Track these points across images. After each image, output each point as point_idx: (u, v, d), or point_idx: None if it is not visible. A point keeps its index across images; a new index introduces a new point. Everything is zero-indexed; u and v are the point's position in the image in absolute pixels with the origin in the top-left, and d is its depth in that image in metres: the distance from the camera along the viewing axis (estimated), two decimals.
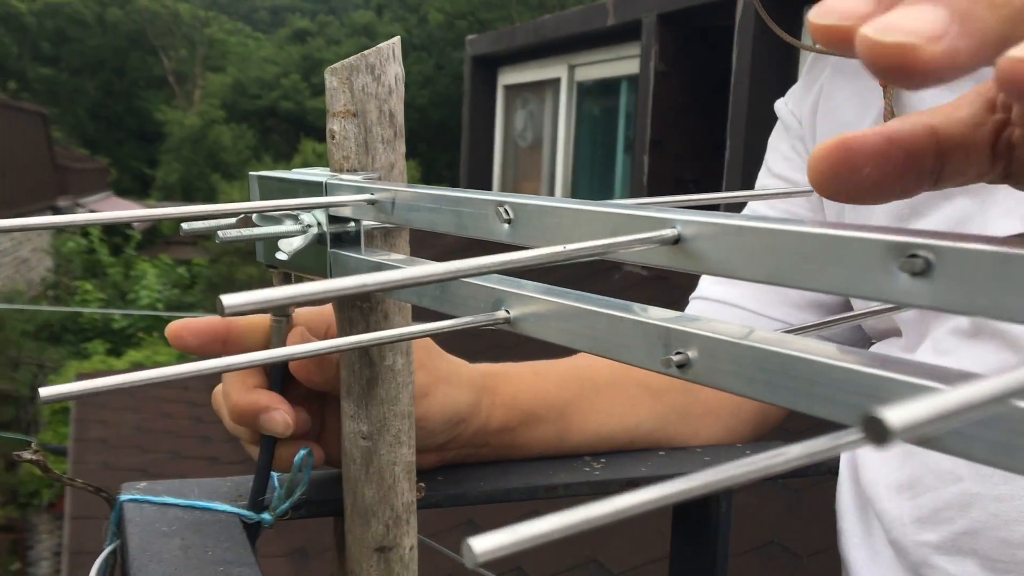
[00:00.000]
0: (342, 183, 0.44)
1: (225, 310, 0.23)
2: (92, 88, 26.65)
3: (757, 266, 0.26)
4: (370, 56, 0.47)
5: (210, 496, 0.52)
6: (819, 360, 0.25)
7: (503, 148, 5.60)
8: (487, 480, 0.58)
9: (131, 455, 4.19)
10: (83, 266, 12.86)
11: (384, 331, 0.37)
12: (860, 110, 0.71)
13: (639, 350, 0.30)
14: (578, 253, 0.28)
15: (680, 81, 3.92)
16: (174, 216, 0.38)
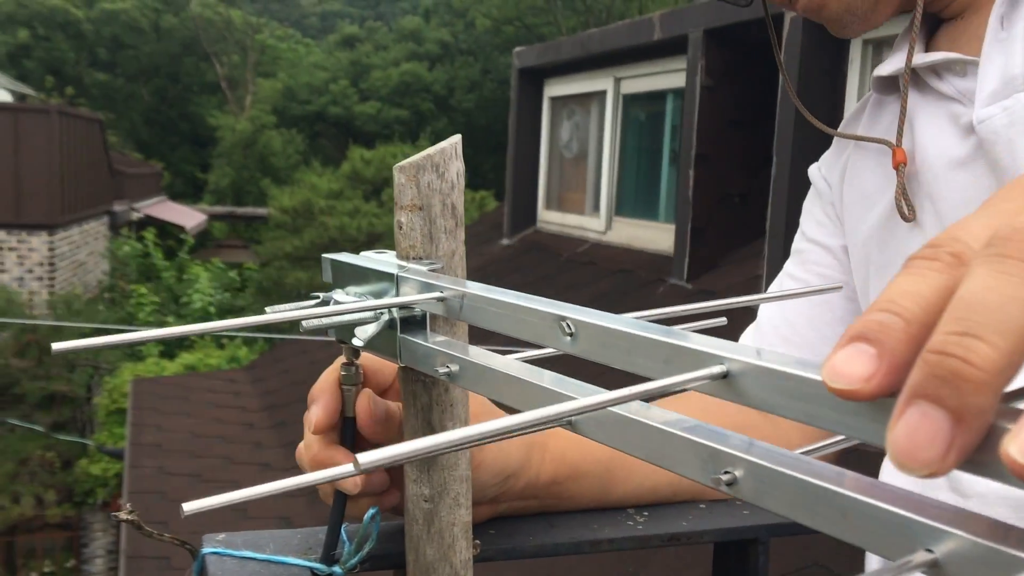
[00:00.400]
0: (410, 275, 0.49)
1: (360, 467, 0.27)
2: (147, 94, 27.23)
3: (796, 408, 0.30)
4: (435, 156, 0.51)
5: (283, 549, 0.57)
6: (854, 496, 0.28)
7: (548, 159, 5.64)
8: (535, 535, 0.62)
9: (185, 460, 4.30)
10: (138, 269, 13.17)
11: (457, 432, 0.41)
12: (882, 182, 0.76)
13: (691, 465, 0.33)
14: (639, 395, 0.32)
15: (727, 96, 3.92)
16: (258, 322, 0.42)
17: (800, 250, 0.88)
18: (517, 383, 0.42)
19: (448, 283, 0.47)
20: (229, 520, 3.71)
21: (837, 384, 0.27)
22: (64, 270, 10.63)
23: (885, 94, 0.80)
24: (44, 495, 8.85)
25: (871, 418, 0.28)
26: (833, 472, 0.29)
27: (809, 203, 0.89)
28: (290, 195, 13.07)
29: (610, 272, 4.50)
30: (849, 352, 0.27)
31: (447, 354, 0.47)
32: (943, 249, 0.28)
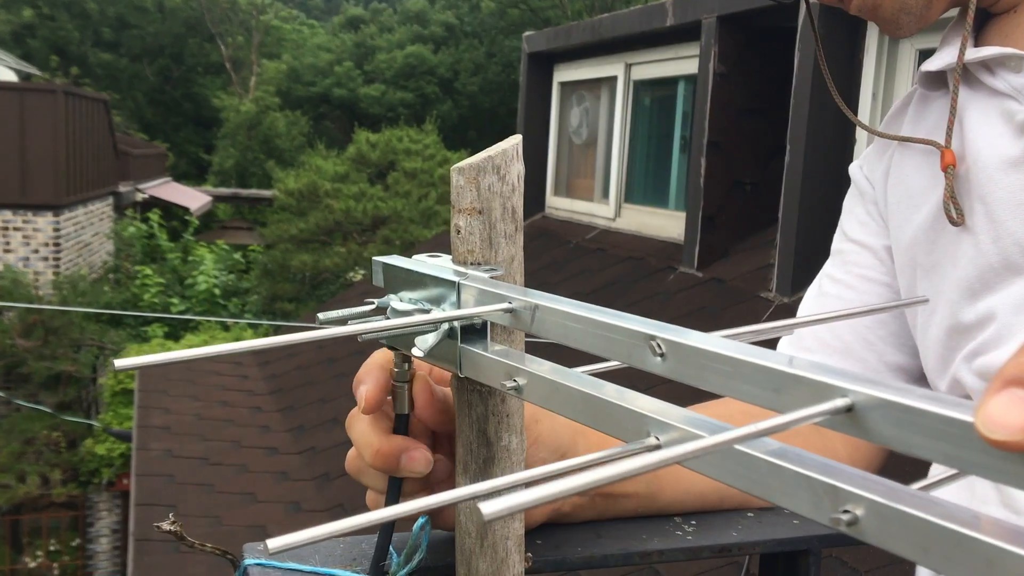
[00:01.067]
0: (472, 283, 0.47)
1: (486, 517, 0.25)
2: (151, 74, 27.13)
3: (935, 449, 0.28)
4: (496, 157, 0.49)
5: (327, 559, 0.55)
6: (1001, 546, 0.26)
7: (557, 144, 5.61)
8: (584, 546, 0.61)
9: (193, 443, 4.30)
10: (143, 250, 13.16)
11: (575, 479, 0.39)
12: (929, 181, 0.73)
13: (804, 502, 0.31)
14: (761, 433, 0.29)
15: (739, 83, 3.89)
16: (314, 337, 0.41)
17: (841, 250, 0.85)
18: (593, 400, 0.40)
19: (515, 293, 0.45)
20: (236, 504, 3.71)
21: (996, 435, 0.25)
22: (69, 251, 10.61)
23: (931, 90, 0.77)
24: (50, 474, 8.88)
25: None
26: (968, 515, 0.28)
27: (850, 202, 0.87)
28: (295, 177, 13.03)
29: (619, 259, 4.48)
30: (1007, 399, 0.25)
31: (513, 367, 0.45)
32: None
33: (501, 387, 0.45)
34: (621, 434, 0.39)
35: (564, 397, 0.42)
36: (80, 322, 9.31)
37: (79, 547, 9.10)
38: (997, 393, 0.25)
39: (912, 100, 0.81)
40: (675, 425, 0.37)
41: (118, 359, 0.36)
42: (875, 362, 0.79)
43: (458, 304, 0.47)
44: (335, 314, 0.49)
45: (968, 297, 0.68)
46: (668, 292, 3.97)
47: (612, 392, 0.40)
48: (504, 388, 0.45)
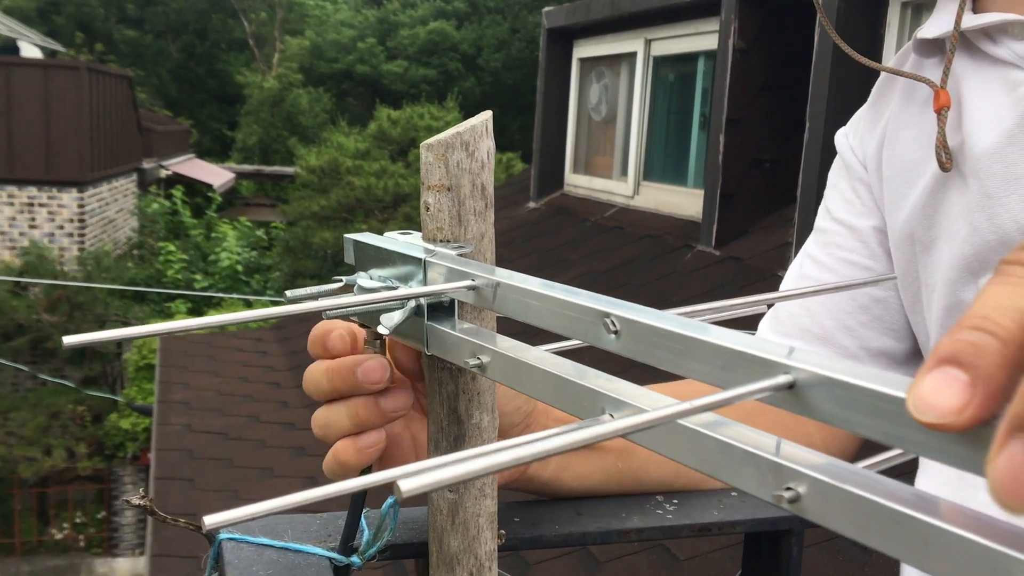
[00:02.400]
0: (438, 261, 0.47)
1: (403, 494, 0.25)
2: (175, 51, 27.21)
3: (872, 427, 0.28)
4: (464, 134, 0.49)
5: (302, 536, 0.55)
6: (937, 524, 0.26)
7: (576, 121, 5.57)
8: (562, 523, 0.60)
9: (212, 418, 4.35)
10: (166, 227, 13.26)
11: (508, 453, 0.39)
12: (925, 153, 0.70)
13: (750, 479, 0.31)
14: (706, 407, 0.29)
15: (759, 59, 3.84)
16: (280, 313, 0.41)
17: (823, 229, 0.82)
18: (553, 379, 0.40)
19: (479, 270, 0.45)
20: (254, 479, 3.75)
21: (926, 417, 0.24)
22: (94, 227, 10.71)
23: (926, 57, 0.73)
24: (75, 448, 9.02)
25: (963, 444, 0.25)
26: (909, 494, 0.27)
27: (835, 175, 0.83)
28: (317, 154, 13.04)
29: (637, 237, 4.46)
30: (938, 379, 0.24)
31: (478, 344, 0.45)
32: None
33: (465, 365, 0.45)
34: (578, 411, 0.39)
35: (525, 375, 0.42)
36: (104, 298, 9.41)
37: (104, 519, 9.25)
38: (929, 372, 0.25)
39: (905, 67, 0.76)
40: (628, 403, 0.37)
41: (67, 336, 0.36)
42: (855, 348, 0.77)
43: (424, 281, 0.47)
44: (304, 291, 0.48)
45: (967, 275, 0.65)
46: (685, 271, 3.95)
47: (570, 370, 0.40)
48: (468, 366, 0.45)
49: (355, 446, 0.53)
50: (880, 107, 0.78)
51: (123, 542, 9.14)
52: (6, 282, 8.97)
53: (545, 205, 5.64)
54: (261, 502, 0.31)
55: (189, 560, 3.14)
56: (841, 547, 2.11)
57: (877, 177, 0.77)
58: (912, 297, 0.74)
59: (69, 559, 8.91)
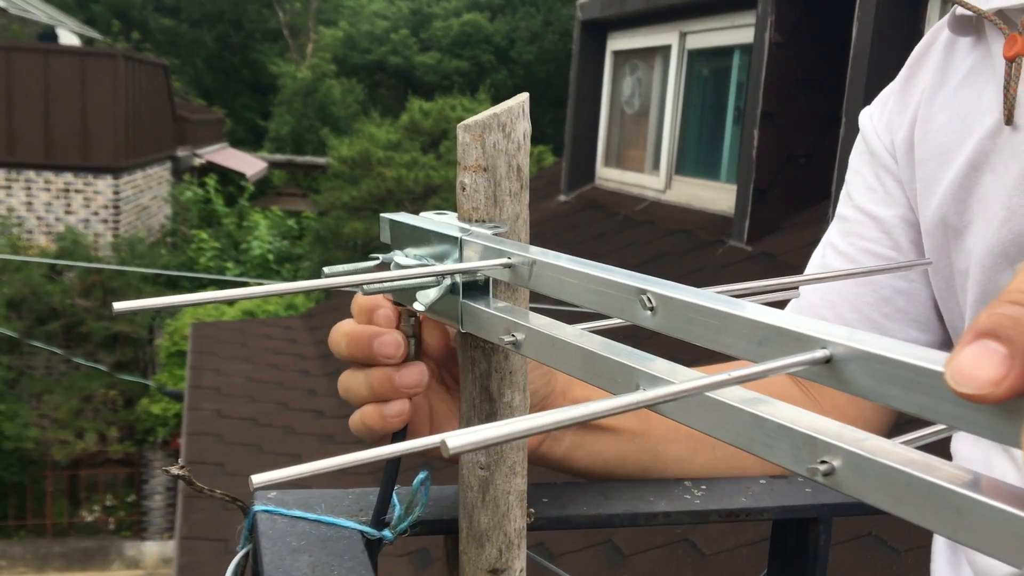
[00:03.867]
0: (474, 239, 0.47)
1: (450, 451, 0.25)
2: (210, 40, 27.44)
3: (909, 400, 0.28)
4: (501, 115, 0.49)
5: (334, 509, 0.56)
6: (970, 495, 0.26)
7: (609, 114, 5.56)
8: (590, 505, 0.61)
9: (242, 405, 4.39)
10: (199, 215, 13.39)
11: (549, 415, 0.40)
12: (960, 135, 0.68)
13: (784, 453, 0.31)
14: (736, 380, 0.30)
15: (796, 53, 3.81)
16: (322, 286, 0.41)
17: (846, 217, 0.80)
18: (587, 355, 0.40)
19: (515, 248, 0.45)
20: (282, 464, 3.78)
21: (964, 388, 0.24)
22: (128, 213, 10.84)
23: (962, 35, 0.70)
24: (107, 432, 9.15)
25: (999, 416, 0.25)
26: (943, 466, 0.27)
27: (858, 160, 0.80)
28: (348, 145, 13.10)
29: (668, 232, 4.44)
30: (977, 351, 0.24)
31: (512, 322, 0.45)
32: None
33: (499, 342, 0.46)
34: (612, 387, 0.40)
35: (560, 352, 0.42)
36: (138, 284, 9.53)
37: (134, 503, 9.39)
38: (968, 344, 0.25)
39: (938, 45, 0.75)
40: (662, 377, 0.37)
41: (117, 303, 0.37)
42: (886, 328, 0.76)
43: (460, 259, 0.48)
44: (340, 268, 0.49)
45: (1003, 261, 0.64)
46: (717, 266, 3.93)
47: (604, 346, 0.40)
48: (502, 343, 0.45)
49: (380, 413, 0.54)
50: (911, 89, 0.76)
51: (152, 525, 9.27)
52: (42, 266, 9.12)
53: (576, 198, 5.63)
54: (308, 463, 0.31)
55: (217, 543, 3.18)
56: (868, 545, 2.10)
57: (908, 162, 0.75)
58: (944, 283, 0.73)
59: (99, 541, 9.06)
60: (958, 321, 0.72)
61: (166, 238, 12.30)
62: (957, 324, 0.73)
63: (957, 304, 0.71)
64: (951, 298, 0.72)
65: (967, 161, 0.67)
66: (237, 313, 9.35)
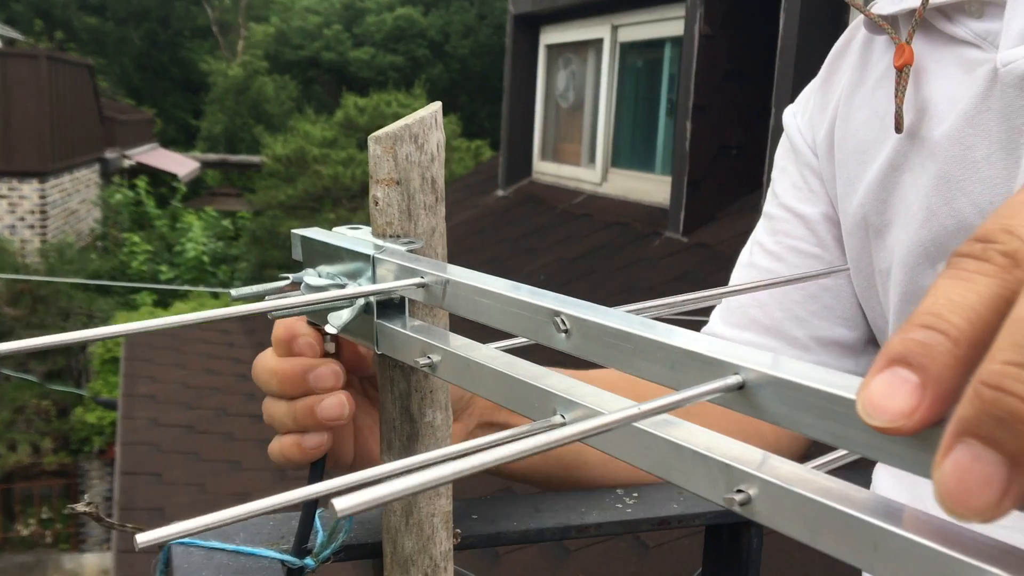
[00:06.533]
0: (387, 257, 0.45)
1: (338, 514, 0.23)
2: (137, 38, 26.79)
3: (822, 428, 0.27)
4: (413, 126, 0.48)
5: (254, 538, 0.54)
6: (887, 528, 0.25)
7: (544, 109, 5.56)
8: (520, 520, 0.60)
9: (179, 412, 4.30)
10: (130, 218, 13.08)
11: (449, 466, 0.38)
12: (879, 134, 0.68)
13: (701, 481, 0.30)
14: (651, 412, 0.28)
15: (725, 45, 3.85)
16: (226, 315, 0.39)
17: (772, 215, 0.80)
18: (503, 379, 0.39)
19: (429, 267, 0.43)
20: (222, 472, 3.71)
21: (875, 420, 0.23)
22: (56, 218, 10.54)
23: (878, 33, 0.70)
24: (40, 443, 8.89)
25: (911, 446, 0.25)
26: (860, 496, 0.27)
27: (783, 158, 0.80)
28: (283, 143, 12.91)
29: (606, 225, 4.46)
30: (888, 380, 0.23)
31: (428, 343, 0.43)
32: (994, 247, 0.24)
33: (415, 364, 0.44)
34: (530, 412, 0.38)
35: (476, 375, 0.41)
36: (68, 290, 9.28)
37: (71, 515, 9.14)
38: (879, 372, 0.24)
39: (855, 43, 0.74)
40: (580, 403, 0.36)
41: (3, 344, 0.34)
42: (806, 339, 0.76)
43: (373, 279, 0.46)
44: (249, 290, 0.47)
45: (925, 262, 0.64)
46: (654, 258, 3.96)
47: (522, 369, 0.39)
48: (418, 365, 0.44)
49: (299, 445, 0.52)
50: (830, 87, 0.76)
51: (91, 537, 9.05)
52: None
53: (514, 193, 5.62)
54: (193, 519, 0.30)
55: (155, 556, 3.11)
56: None
57: (829, 160, 0.75)
58: (865, 283, 0.72)
59: (36, 555, 8.80)
60: (881, 320, 0.72)
61: (96, 242, 11.99)
62: (880, 323, 0.73)
63: (879, 303, 0.71)
64: (873, 297, 0.72)
65: (886, 161, 0.67)
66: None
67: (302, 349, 0.52)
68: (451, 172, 11.83)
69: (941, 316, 0.23)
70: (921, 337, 0.23)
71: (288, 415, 0.52)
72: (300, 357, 0.52)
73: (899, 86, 0.63)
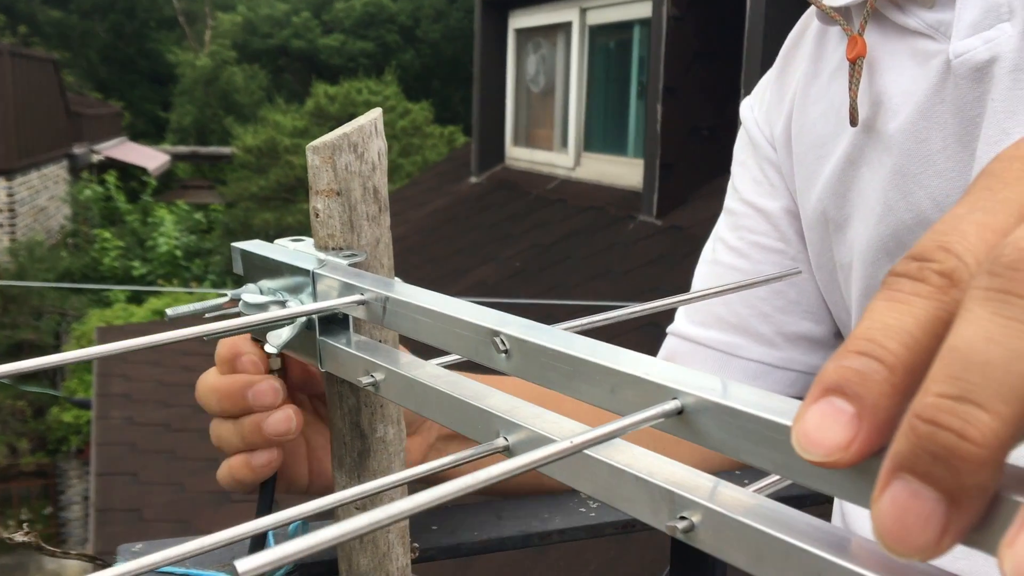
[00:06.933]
0: (327, 273, 0.44)
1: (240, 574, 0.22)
2: (103, 31, 26.42)
3: (761, 455, 0.26)
4: (352, 134, 0.46)
5: (205, 559, 0.53)
6: (829, 559, 0.24)
7: (515, 94, 5.53)
8: (482, 529, 0.59)
9: (153, 410, 4.26)
10: (101, 214, 12.93)
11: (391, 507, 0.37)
12: (835, 127, 0.67)
13: (643, 507, 0.30)
14: (594, 441, 0.27)
15: (694, 26, 3.83)
16: (162, 341, 0.38)
17: (733, 211, 0.79)
18: (446, 399, 0.38)
19: (371, 283, 0.42)
20: (199, 471, 3.69)
21: (811, 455, 0.22)
22: (24, 216, 10.40)
23: (830, 24, 0.69)
24: (17, 444, 8.81)
25: (850, 477, 0.24)
26: (805, 524, 0.26)
27: (742, 152, 0.79)
28: (254, 134, 12.80)
29: (580, 209, 4.45)
30: (822, 411, 0.22)
31: (371, 361, 0.42)
32: (931, 266, 0.23)
33: (358, 383, 0.43)
34: (473, 433, 0.37)
35: (419, 394, 0.39)
36: (39, 289, 9.17)
37: (51, 515, 9.07)
38: (814, 403, 0.23)
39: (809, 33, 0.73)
40: (522, 426, 0.35)
41: None
42: (772, 334, 0.75)
43: (314, 294, 0.44)
44: (186, 309, 0.45)
45: (884, 256, 0.63)
46: (628, 241, 3.96)
47: (465, 389, 0.38)
48: (362, 384, 0.42)
49: (249, 464, 0.51)
50: (786, 79, 0.75)
51: (71, 537, 8.98)
52: None
53: (487, 179, 5.60)
54: (134, 560, 0.28)
55: None
56: None
57: (787, 154, 0.74)
58: (827, 277, 0.72)
59: (17, 557, 8.73)
60: (844, 314, 0.71)
61: (67, 239, 11.85)
62: (843, 317, 0.72)
63: (842, 297, 0.70)
64: (835, 291, 0.71)
65: (843, 155, 0.66)
66: (147, 314, 9.08)
67: (245, 367, 0.51)
68: (424, 159, 11.77)
69: (876, 342, 0.23)
70: (856, 365, 0.23)
71: (235, 434, 0.51)
72: (240, 375, 0.51)
73: (853, 79, 0.62)
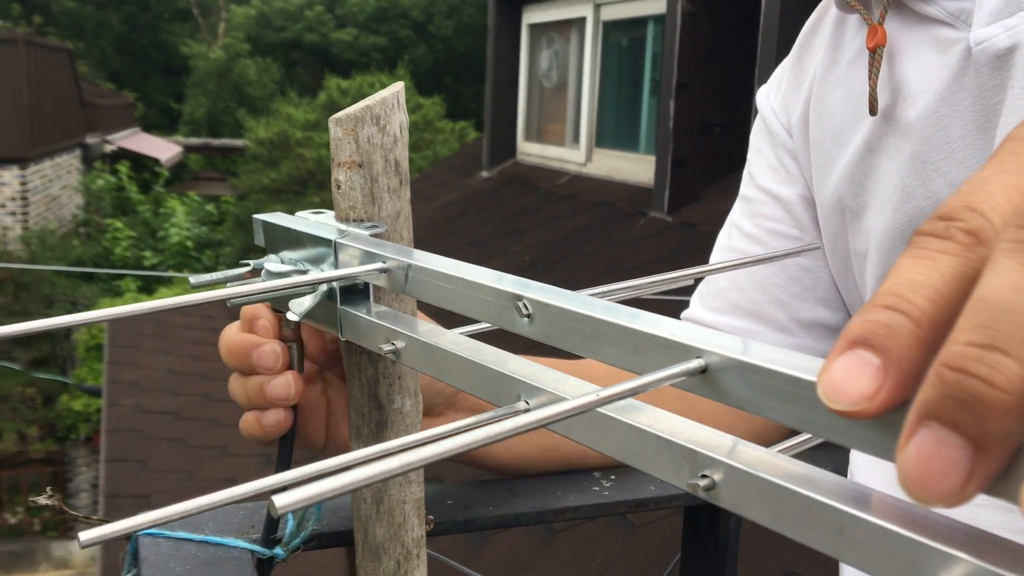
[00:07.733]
0: (349, 243, 0.44)
1: (278, 511, 0.23)
2: (117, 21, 26.49)
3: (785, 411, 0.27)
4: (374, 107, 0.46)
5: (224, 528, 0.53)
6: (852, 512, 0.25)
7: (528, 89, 5.52)
8: (496, 504, 0.59)
9: (163, 398, 4.28)
10: (113, 203, 12.97)
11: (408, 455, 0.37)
12: (854, 115, 0.67)
13: (666, 467, 0.30)
14: (616, 397, 0.28)
15: (708, 22, 3.83)
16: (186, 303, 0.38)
17: (749, 198, 0.79)
18: (468, 365, 0.38)
19: (392, 252, 0.42)
20: (207, 458, 3.70)
21: (836, 404, 0.23)
22: (37, 204, 10.45)
23: (849, 11, 0.69)
24: (26, 431, 8.86)
25: (875, 429, 0.24)
26: (825, 481, 0.26)
27: (758, 139, 0.79)
28: (266, 126, 12.83)
29: (590, 205, 4.45)
30: (850, 362, 0.23)
31: (392, 329, 0.43)
32: (957, 225, 0.23)
33: (379, 351, 0.43)
34: (494, 398, 0.38)
35: (440, 361, 0.40)
36: (51, 277, 9.21)
37: None
38: (840, 354, 0.23)
39: (827, 20, 0.73)
40: (544, 389, 0.35)
41: None
42: (787, 321, 0.75)
43: (336, 264, 0.45)
44: (209, 277, 0.46)
45: (901, 244, 0.62)
46: (639, 238, 3.96)
47: (486, 355, 0.38)
48: (382, 352, 0.43)
49: (259, 422, 0.53)
50: (804, 66, 0.75)
51: (79, 524, 9.02)
52: None
53: (498, 174, 5.60)
54: (140, 514, 0.29)
55: None
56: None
57: (803, 142, 0.74)
58: (841, 265, 0.72)
59: (25, 544, 8.78)
60: (857, 302, 0.71)
61: (79, 228, 11.90)
62: (856, 305, 0.72)
63: (855, 285, 0.70)
64: (849, 279, 0.71)
65: (862, 143, 0.66)
66: None
67: (258, 329, 0.53)
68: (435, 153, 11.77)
69: (903, 296, 0.23)
70: (883, 318, 0.23)
71: (242, 392, 0.54)
72: (251, 335, 0.52)
73: (872, 68, 0.62)
